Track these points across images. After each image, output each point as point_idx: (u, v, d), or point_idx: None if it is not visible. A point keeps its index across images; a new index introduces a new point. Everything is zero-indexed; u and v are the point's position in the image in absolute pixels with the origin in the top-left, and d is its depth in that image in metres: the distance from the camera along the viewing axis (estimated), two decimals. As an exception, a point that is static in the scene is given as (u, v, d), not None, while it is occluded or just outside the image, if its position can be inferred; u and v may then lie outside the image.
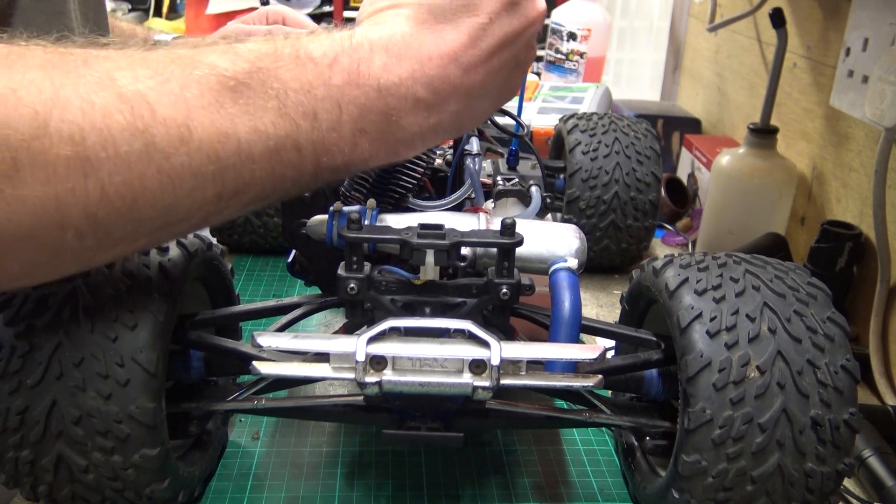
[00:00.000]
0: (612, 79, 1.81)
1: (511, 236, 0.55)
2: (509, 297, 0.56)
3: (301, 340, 0.52)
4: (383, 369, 0.50)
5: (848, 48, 0.91)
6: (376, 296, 0.56)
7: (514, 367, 0.52)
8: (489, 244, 0.56)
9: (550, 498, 0.62)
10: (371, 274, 0.56)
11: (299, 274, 0.73)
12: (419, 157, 0.70)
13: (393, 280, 0.56)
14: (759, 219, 1.02)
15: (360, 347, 0.49)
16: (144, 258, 0.52)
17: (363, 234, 0.55)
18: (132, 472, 0.50)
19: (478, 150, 0.77)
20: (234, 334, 0.69)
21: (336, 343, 0.51)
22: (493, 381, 0.49)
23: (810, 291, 0.53)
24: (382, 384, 0.50)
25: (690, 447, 0.49)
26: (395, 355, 0.50)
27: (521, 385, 0.52)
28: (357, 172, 0.60)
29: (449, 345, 0.50)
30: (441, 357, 0.50)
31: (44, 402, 0.48)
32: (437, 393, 0.50)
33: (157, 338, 0.49)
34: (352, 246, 0.55)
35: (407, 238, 0.54)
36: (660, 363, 0.59)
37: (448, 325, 0.52)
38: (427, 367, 0.50)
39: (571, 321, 0.56)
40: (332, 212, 0.61)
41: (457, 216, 0.64)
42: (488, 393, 0.50)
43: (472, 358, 0.50)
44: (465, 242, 0.55)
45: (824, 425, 0.48)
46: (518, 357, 0.51)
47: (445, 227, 0.56)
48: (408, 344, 0.50)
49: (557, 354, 0.53)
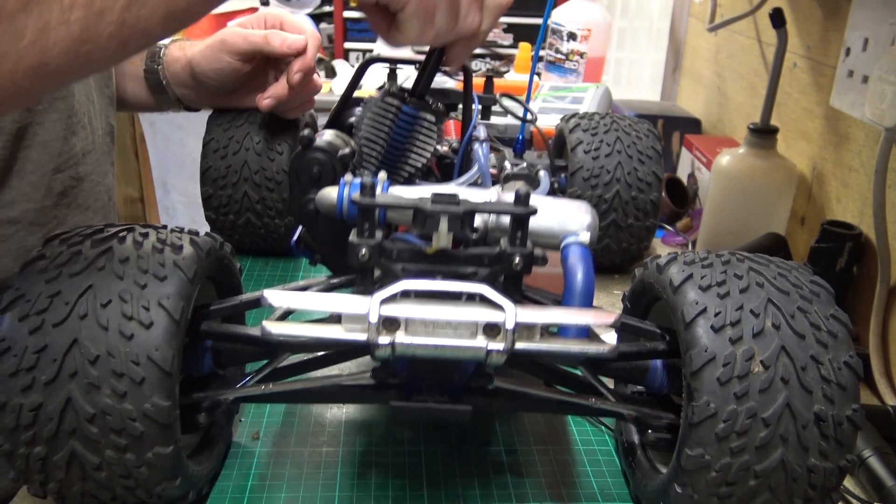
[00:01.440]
0: (612, 79, 1.81)
1: (525, 205, 0.54)
2: (522, 267, 0.55)
3: (312, 299, 0.51)
4: (396, 331, 0.49)
5: (848, 48, 0.92)
6: (387, 263, 0.55)
7: (528, 331, 0.51)
8: (503, 212, 0.56)
9: (551, 498, 0.62)
10: (382, 241, 0.55)
11: (304, 252, 0.73)
12: (428, 138, 0.70)
13: (405, 248, 0.55)
14: (759, 219, 1.02)
15: (374, 308, 0.49)
16: (159, 256, 0.52)
17: (376, 200, 0.54)
18: (145, 471, 0.50)
19: (485, 136, 0.77)
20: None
21: (349, 302, 0.50)
22: (507, 344, 0.49)
23: (813, 289, 0.53)
24: (395, 346, 0.49)
25: (694, 441, 0.50)
26: (409, 317, 0.49)
27: (535, 350, 0.51)
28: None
29: (463, 307, 0.50)
30: (455, 320, 0.49)
31: (58, 400, 0.48)
32: (451, 356, 0.50)
33: (172, 336, 0.50)
34: (364, 212, 0.54)
35: (421, 205, 0.53)
36: (664, 355, 0.59)
37: (462, 289, 0.51)
38: (440, 330, 0.49)
39: (585, 291, 0.55)
40: (343, 182, 0.61)
41: (469, 189, 0.64)
42: (502, 357, 0.49)
43: (486, 321, 0.49)
44: (479, 209, 0.54)
45: (827, 421, 0.49)
46: (533, 321, 0.50)
47: (459, 197, 0.55)
48: (422, 305, 0.50)
49: (573, 319, 0.52)
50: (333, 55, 1.98)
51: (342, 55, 1.96)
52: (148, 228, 0.56)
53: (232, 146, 0.95)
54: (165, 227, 0.57)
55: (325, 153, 0.67)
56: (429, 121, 0.70)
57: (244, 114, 0.97)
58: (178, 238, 0.55)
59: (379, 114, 0.70)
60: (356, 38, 1.95)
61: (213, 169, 0.96)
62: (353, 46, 1.96)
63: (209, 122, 0.98)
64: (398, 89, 0.71)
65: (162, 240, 0.54)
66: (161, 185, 2.32)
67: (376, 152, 0.70)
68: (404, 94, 0.70)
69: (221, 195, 0.96)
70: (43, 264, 0.52)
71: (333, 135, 0.71)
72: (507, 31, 1.94)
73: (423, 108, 0.70)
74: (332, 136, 0.70)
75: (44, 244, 0.54)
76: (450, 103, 0.92)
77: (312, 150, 0.66)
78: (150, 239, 0.54)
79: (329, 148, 0.67)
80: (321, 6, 2.01)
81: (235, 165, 0.95)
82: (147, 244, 0.53)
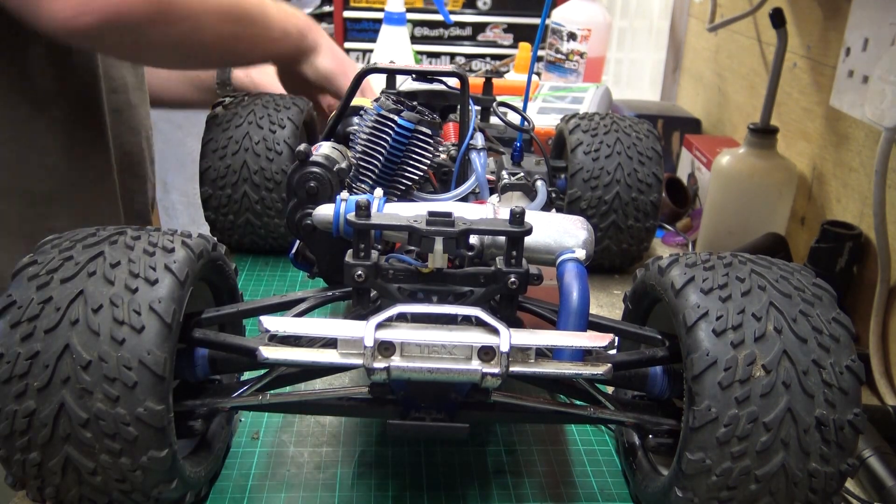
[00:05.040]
0: (612, 79, 1.81)
1: (520, 225, 0.55)
2: (517, 287, 0.55)
3: (309, 324, 0.51)
4: (391, 355, 0.50)
5: (848, 48, 0.91)
6: (383, 284, 0.56)
7: (523, 354, 0.51)
8: (498, 232, 0.56)
9: (551, 498, 0.62)
10: (378, 262, 0.56)
11: (302, 266, 0.73)
12: (424, 151, 0.70)
13: (400, 268, 0.56)
14: (759, 219, 1.02)
15: (369, 332, 0.49)
16: (150, 259, 0.52)
17: (371, 221, 0.54)
18: (140, 474, 0.50)
19: (482, 145, 0.77)
20: (238, 332, 0.69)
21: (344, 327, 0.51)
22: (502, 367, 0.49)
23: (815, 292, 0.53)
24: (391, 370, 0.49)
25: (695, 445, 0.49)
26: (404, 341, 0.50)
27: (530, 373, 0.51)
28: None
29: (458, 331, 0.50)
30: (450, 343, 0.50)
31: (51, 405, 0.48)
32: (446, 380, 0.50)
33: (164, 339, 0.49)
34: (359, 233, 0.55)
35: (416, 225, 0.54)
36: (664, 361, 0.59)
37: (457, 312, 0.51)
38: (435, 354, 0.50)
39: (580, 311, 0.56)
40: (339, 200, 0.61)
41: (465, 206, 0.64)
42: (497, 380, 0.50)
43: (481, 344, 0.49)
44: (474, 230, 0.55)
45: (829, 425, 0.48)
46: (527, 344, 0.51)
47: (454, 216, 0.55)
48: (416, 330, 0.50)
49: (567, 342, 0.53)
50: (333, 55, 1.99)
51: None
52: (139, 231, 0.55)
53: (231, 146, 0.95)
54: (158, 229, 0.57)
55: (323, 168, 0.66)
56: (425, 133, 0.70)
57: (244, 114, 0.97)
58: (169, 240, 0.54)
59: (375, 127, 0.70)
60: (356, 39, 1.94)
61: (213, 169, 0.95)
62: (353, 46, 1.95)
63: (208, 123, 0.98)
64: (395, 101, 0.71)
65: (153, 243, 0.54)
66: (161, 185, 2.31)
67: (373, 166, 0.70)
68: (401, 107, 0.70)
69: (221, 195, 0.96)
70: (34, 270, 0.51)
71: (330, 147, 0.71)
72: (507, 31, 1.93)
73: (420, 121, 0.70)
74: (329, 149, 0.70)
75: (35, 249, 0.54)
76: (448, 105, 0.92)
77: (309, 164, 0.66)
78: (142, 242, 0.54)
79: (326, 162, 0.67)
80: (321, 6, 2.00)
81: (235, 166, 0.95)
82: (138, 247, 0.53)
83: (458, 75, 0.77)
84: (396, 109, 0.70)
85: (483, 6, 1.93)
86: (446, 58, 1.95)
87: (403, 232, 0.55)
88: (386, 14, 1.50)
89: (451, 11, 1.90)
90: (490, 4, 1.93)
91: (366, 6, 1.94)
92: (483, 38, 1.95)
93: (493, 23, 1.94)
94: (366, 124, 0.71)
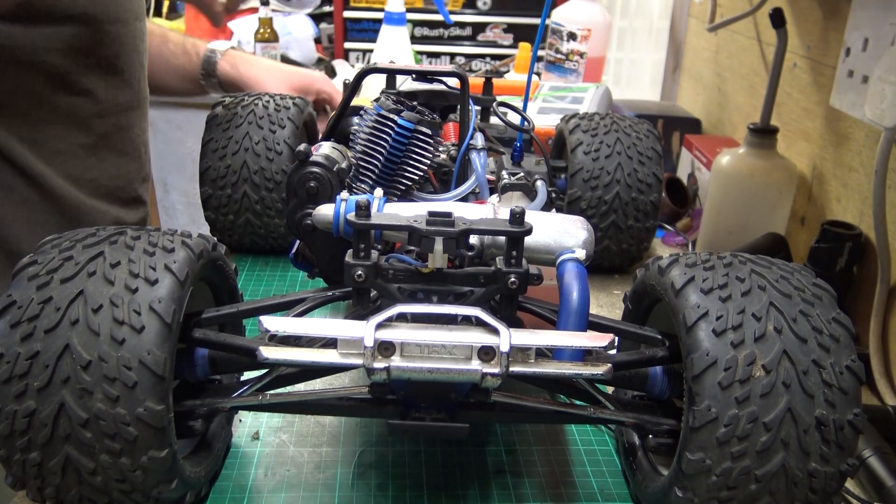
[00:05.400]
0: (612, 79, 1.81)
1: (520, 225, 0.55)
2: (517, 287, 0.56)
3: (308, 324, 0.51)
4: (391, 355, 0.50)
5: (848, 48, 0.92)
6: (383, 284, 0.56)
7: (522, 354, 0.52)
8: (498, 232, 0.56)
9: (551, 498, 0.62)
10: (378, 262, 0.56)
11: (302, 266, 0.73)
12: (424, 151, 0.70)
13: (400, 268, 0.56)
14: (759, 219, 1.02)
15: (369, 332, 0.49)
16: (150, 260, 0.52)
17: (371, 221, 0.55)
18: (140, 474, 0.50)
19: (482, 145, 0.77)
20: (238, 332, 0.69)
21: (344, 327, 0.51)
22: (502, 367, 0.49)
23: (816, 292, 0.53)
24: (391, 370, 0.49)
25: (695, 445, 0.49)
26: (404, 341, 0.50)
27: (530, 373, 0.51)
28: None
29: (458, 331, 0.50)
30: (450, 343, 0.50)
31: (51, 405, 0.48)
32: (446, 380, 0.50)
33: (164, 339, 0.49)
34: (359, 233, 0.55)
35: (416, 225, 0.54)
36: (664, 361, 0.59)
37: (457, 312, 0.52)
38: (435, 354, 0.50)
39: (580, 311, 0.56)
40: (339, 200, 0.61)
41: (465, 206, 0.64)
42: (497, 380, 0.50)
43: (481, 345, 0.50)
44: (474, 230, 0.55)
45: (829, 425, 0.48)
46: (527, 344, 0.51)
47: (454, 215, 0.55)
48: (416, 330, 0.50)
49: (567, 342, 0.53)
50: (333, 55, 1.98)
51: (342, 55, 1.96)
52: (139, 231, 0.55)
53: (231, 146, 0.95)
54: (158, 229, 0.57)
55: (323, 168, 0.66)
56: (425, 133, 0.70)
57: (244, 114, 0.97)
58: (169, 241, 0.54)
59: (375, 127, 0.70)
60: (356, 39, 1.94)
61: (213, 169, 0.96)
62: (353, 46, 1.95)
63: (208, 122, 0.98)
64: (395, 101, 0.71)
65: (153, 243, 0.54)
66: (161, 185, 2.31)
67: (373, 166, 0.70)
68: (401, 107, 0.70)
69: (221, 195, 0.96)
70: (34, 270, 0.51)
71: (330, 147, 0.71)
72: (507, 31, 1.93)
73: (420, 121, 0.70)
74: (329, 149, 0.70)
75: (35, 249, 0.54)
76: (448, 105, 0.92)
77: (309, 164, 0.66)
78: (142, 242, 0.54)
79: (326, 162, 0.67)
80: (321, 6, 2.00)
81: (235, 166, 0.95)
82: (138, 247, 0.53)
83: (458, 75, 0.77)
84: (396, 109, 0.70)
85: (483, 6, 1.93)
86: (446, 58, 1.95)
87: (403, 232, 0.55)
88: (386, 14, 1.50)
89: (451, 11, 1.90)
90: (490, 4, 1.93)
91: (366, 6, 1.93)
92: (483, 38, 1.95)
93: (493, 23, 1.94)
94: (366, 124, 0.71)
